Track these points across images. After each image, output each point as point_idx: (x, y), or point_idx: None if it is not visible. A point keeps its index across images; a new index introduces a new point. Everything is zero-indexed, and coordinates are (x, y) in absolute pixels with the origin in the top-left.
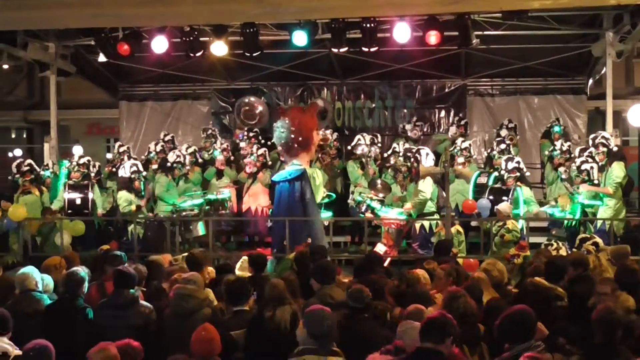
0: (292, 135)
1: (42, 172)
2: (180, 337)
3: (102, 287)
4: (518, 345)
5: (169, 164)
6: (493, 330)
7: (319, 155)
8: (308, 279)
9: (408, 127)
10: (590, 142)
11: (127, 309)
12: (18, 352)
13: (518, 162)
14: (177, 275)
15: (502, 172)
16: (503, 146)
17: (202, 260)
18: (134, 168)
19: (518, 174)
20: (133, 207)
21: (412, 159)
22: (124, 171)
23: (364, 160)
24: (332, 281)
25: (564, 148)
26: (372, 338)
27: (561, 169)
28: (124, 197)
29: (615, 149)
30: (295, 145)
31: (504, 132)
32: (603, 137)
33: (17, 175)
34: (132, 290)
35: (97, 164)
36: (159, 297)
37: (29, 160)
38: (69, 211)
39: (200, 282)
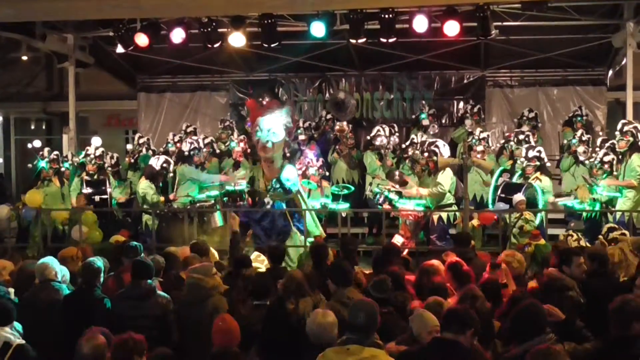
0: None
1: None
2: (192, 325)
3: (119, 278)
4: (527, 342)
5: (186, 154)
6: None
7: (337, 147)
8: (325, 270)
9: (425, 122)
10: (619, 127)
11: (145, 300)
12: (20, 341)
13: (539, 152)
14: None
15: (522, 159)
16: (521, 137)
17: (206, 249)
18: (165, 165)
19: (538, 163)
20: (162, 198)
21: (430, 152)
22: (156, 162)
23: (382, 151)
24: (349, 283)
25: (584, 138)
26: (394, 328)
27: (580, 149)
28: (142, 187)
29: None
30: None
31: (525, 127)
32: (636, 127)
33: (46, 160)
34: (149, 281)
35: (116, 155)
36: (178, 286)
37: (57, 152)
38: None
39: (209, 270)
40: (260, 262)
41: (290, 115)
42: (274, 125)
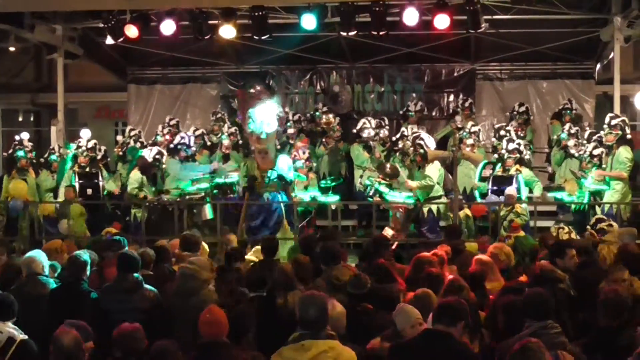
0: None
1: (49, 156)
2: (183, 316)
3: (100, 272)
4: (536, 322)
5: (172, 146)
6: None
7: (323, 140)
8: (316, 261)
9: (412, 121)
10: (607, 120)
11: (132, 293)
12: (23, 336)
13: (519, 144)
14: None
15: (503, 151)
16: (502, 132)
17: (196, 242)
18: (158, 156)
19: (518, 155)
20: (141, 194)
21: (417, 146)
22: (148, 154)
23: (370, 143)
24: (337, 262)
25: (572, 131)
26: (373, 324)
27: (570, 142)
28: (136, 178)
29: (629, 136)
30: None
31: (515, 122)
32: (624, 120)
33: (21, 149)
34: (136, 275)
35: (103, 147)
36: (170, 279)
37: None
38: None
39: (205, 264)
40: (255, 255)
41: (280, 104)
42: (266, 116)
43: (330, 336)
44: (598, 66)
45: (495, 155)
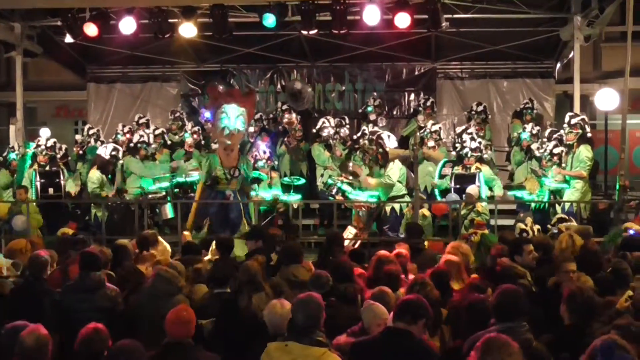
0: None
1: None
2: (150, 317)
3: (65, 270)
4: (504, 323)
5: (132, 144)
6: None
7: (285, 139)
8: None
9: (372, 116)
10: (567, 119)
11: (94, 292)
12: None
13: (479, 143)
14: (163, 259)
15: (466, 150)
16: (465, 136)
17: (151, 240)
18: (114, 152)
19: (479, 154)
20: (103, 193)
21: (378, 145)
22: (104, 151)
23: (331, 142)
24: (297, 261)
25: (534, 132)
26: (336, 321)
27: (534, 146)
28: (96, 177)
29: (589, 135)
30: None
31: (473, 122)
32: (583, 119)
33: None
34: (98, 273)
35: (64, 146)
36: (132, 278)
37: None
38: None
39: (183, 271)
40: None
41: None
42: (241, 113)
43: (319, 343)
44: (558, 65)
45: (453, 153)
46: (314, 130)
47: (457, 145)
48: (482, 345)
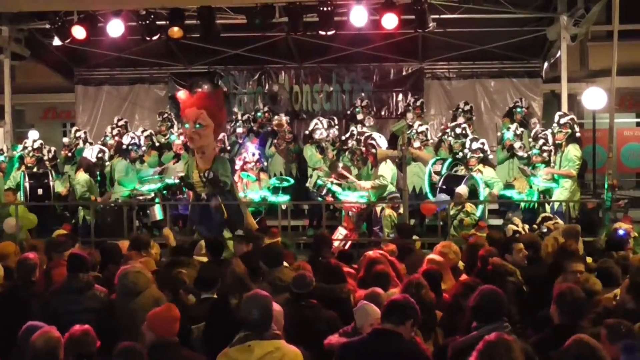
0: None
1: None
2: (128, 316)
3: (48, 274)
4: (487, 325)
5: (124, 147)
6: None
7: (274, 141)
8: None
9: (359, 116)
10: (556, 119)
11: (82, 293)
12: None
13: (482, 143)
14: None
15: (466, 151)
16: (459, 130)
17: (146, 242)
18: (101, 155)
19: (481, 155)
20: (92, 197)
21: (369, 146)
22: (90, 154)
23: (323, 144)
24: (280, 264)
25: (518, 132)
26: (317, 322)
27: (517, 145)
28: (84, 180)
29: (578, 134)
30: None
31: (460, 119)
32: (573, 119)
33: None
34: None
35: (53, 148)
36: None
37: None
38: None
39: (150, 263)
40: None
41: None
42: (198, 115)
43: (276, 336)
44: (545, 65)
45: (443, 151)
46: (307, 132)
47: (453, 143)
48: (483, 347)
